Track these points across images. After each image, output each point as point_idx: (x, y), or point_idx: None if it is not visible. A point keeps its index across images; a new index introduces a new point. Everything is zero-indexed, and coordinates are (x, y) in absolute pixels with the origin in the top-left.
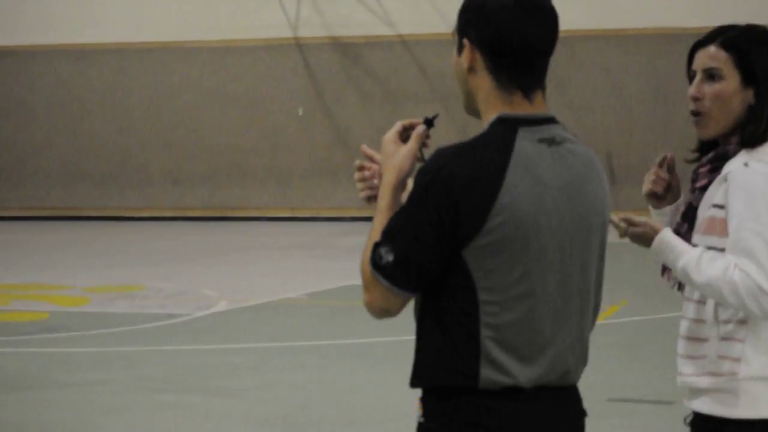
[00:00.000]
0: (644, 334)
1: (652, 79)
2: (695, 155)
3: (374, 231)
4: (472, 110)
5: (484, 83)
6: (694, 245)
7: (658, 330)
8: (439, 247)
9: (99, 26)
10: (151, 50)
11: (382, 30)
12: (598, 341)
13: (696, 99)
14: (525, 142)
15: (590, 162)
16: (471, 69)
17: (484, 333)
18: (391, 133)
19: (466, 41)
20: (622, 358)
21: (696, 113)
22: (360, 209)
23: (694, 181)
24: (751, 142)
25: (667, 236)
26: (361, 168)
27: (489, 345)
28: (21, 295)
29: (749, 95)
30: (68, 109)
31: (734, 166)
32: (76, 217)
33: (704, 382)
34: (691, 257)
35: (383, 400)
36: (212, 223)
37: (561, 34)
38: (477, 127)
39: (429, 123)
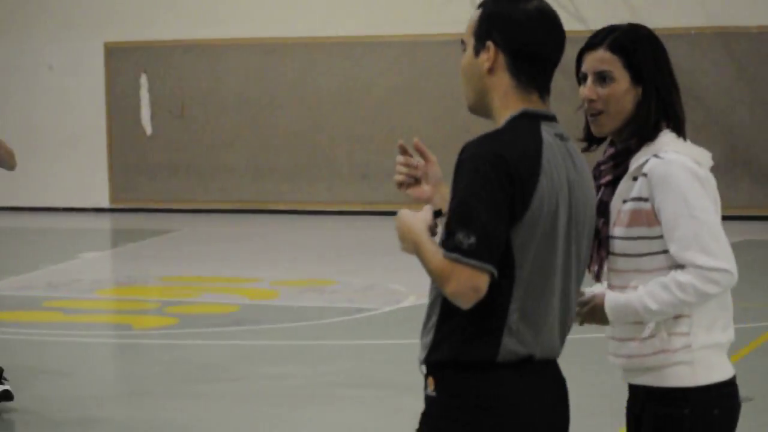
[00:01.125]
0: None
1: None
2: (584, 145)
3: (429, 255)
4: (481, 108)
5: (503, 83)
6: (616, 237)
7: None
8: (507, 220)
9: (289, 20)
10: (341, 44)
11: (572, 26)
12: None
13: (591, 100)
14: (547, 135)
15: (585, 161)
16: (491, 69)
17: (513, 306)
18: (405, 211)
19: (490, 44)
20: None
21: (593, 113)
22: None
23: (597, 177)
24: (647, 136)
25: (612, 298)
26: (404, 151)
27: (514, 317)
28: (211, 287)
29: (639, 92)
30: (257, 103)
31: (644, 160)
32: (264, 210)
33: (659, 359)
34: (642, 297)
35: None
36: None
37: None
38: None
39: (436, 214)
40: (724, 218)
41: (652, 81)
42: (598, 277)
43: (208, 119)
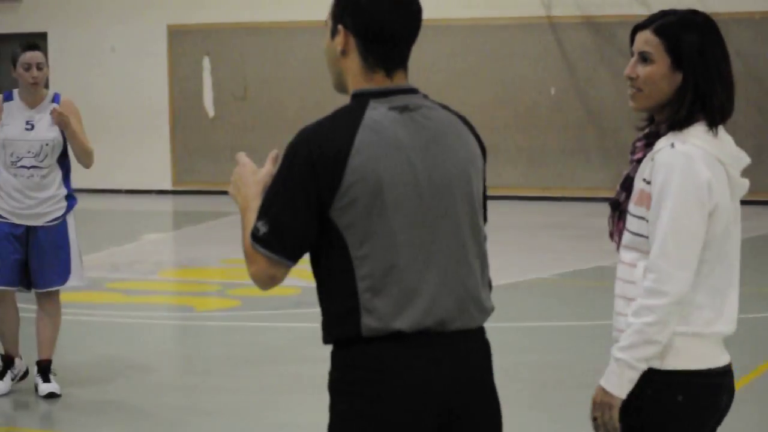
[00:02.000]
0: None
1: None
2: (645, 123)
3: (246, 227)
4: (341, 88)
5: (354, 65)
6: (630, 213)
7: None
8: (308, 212)
9: None
10: None
11: (636, 10)
12: None
13: (630, 78)
14: (375, 111)
15: (449, 125)
16: (344, 52)
17: (361, 285)
18: (248, 160)
19: (341, 27)
20: None
21: (631, 90)
22: (612, 190)
23: (632, 153)
24: (675, 124)
25: (606, 379)
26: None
27: (366, 296)
28: None
29: (678, 78)
30: (320, 86)
31: (662, 146)
32: None
33: None
34: (628, 342)
35: None
36: None
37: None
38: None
39: None
40: None
41: (693, 70)
42: (618, 248)
43: (271, 102)
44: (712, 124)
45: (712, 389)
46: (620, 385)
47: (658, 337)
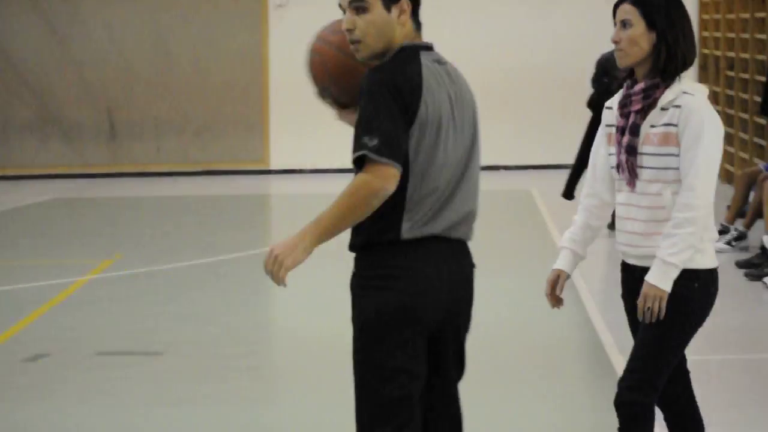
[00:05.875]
0: (138, 286)
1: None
2: (623, 78)
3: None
4: (381, 55)
5: (407, 26)
6: (645, 153)
7: (151, 282)
8: (403, 123)
9: None
10: None
11: None
12: (91, 296)
13: (616, 42)
14: (426, 61)
15: (462, 76)
16: (401, 17)
17: (408, 194)
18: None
19: None
20: (114, 312)
21: (617, 51)
22: None
23: (626, 105)
24: (670, 77)
25: (656, 277)
26: None
27: (409, 206)
28: None
29: (653, 36)
30: None
31: (676, 95)
32: None
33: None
34: (677, 249)
35: None
36: None
37: None
38: None
39: None
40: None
41: (663, 28)
42: (631, 183)
43: None
44: (683, 70)
45: (717, 282)
46: (668, 282)
47: (696, 242)
